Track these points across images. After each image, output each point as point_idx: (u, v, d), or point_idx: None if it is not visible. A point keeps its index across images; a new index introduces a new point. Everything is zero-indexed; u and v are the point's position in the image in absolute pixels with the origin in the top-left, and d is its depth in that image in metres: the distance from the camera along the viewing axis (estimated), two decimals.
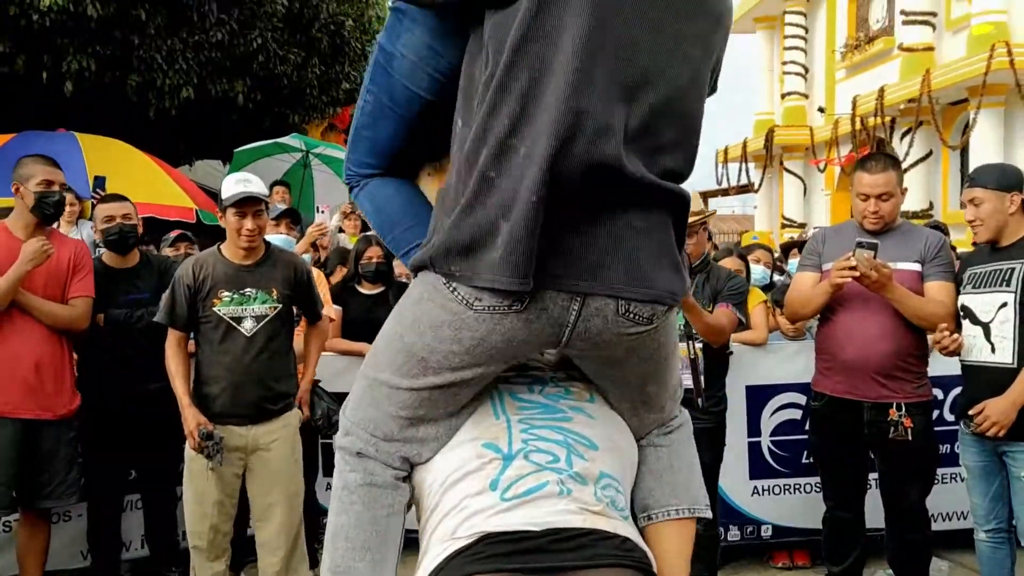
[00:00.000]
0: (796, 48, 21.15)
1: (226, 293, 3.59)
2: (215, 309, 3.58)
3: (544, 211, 1.32)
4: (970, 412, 3.33)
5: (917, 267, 3.56)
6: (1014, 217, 3.36)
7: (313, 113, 11.82)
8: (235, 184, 3.59)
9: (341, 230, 8.18)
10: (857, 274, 3.37)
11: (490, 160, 1.35)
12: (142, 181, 7.82)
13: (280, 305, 3.66)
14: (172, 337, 3.66)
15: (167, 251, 5.46)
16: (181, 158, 11.74)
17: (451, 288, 1.40)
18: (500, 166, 1.35)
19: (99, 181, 6.66)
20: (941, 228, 6.68)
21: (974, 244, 3.57)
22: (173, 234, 5.63)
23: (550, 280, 1.38)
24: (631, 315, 1.44)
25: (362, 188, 1.91)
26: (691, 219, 3.78)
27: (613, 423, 1.62)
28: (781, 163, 21.15)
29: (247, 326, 3.58)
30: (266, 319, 3.61)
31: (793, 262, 6.21)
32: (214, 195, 10.28)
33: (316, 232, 5.85)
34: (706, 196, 27.00)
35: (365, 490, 1.54)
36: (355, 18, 11.74)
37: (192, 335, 3.72)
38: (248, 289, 3.62)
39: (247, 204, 3.57)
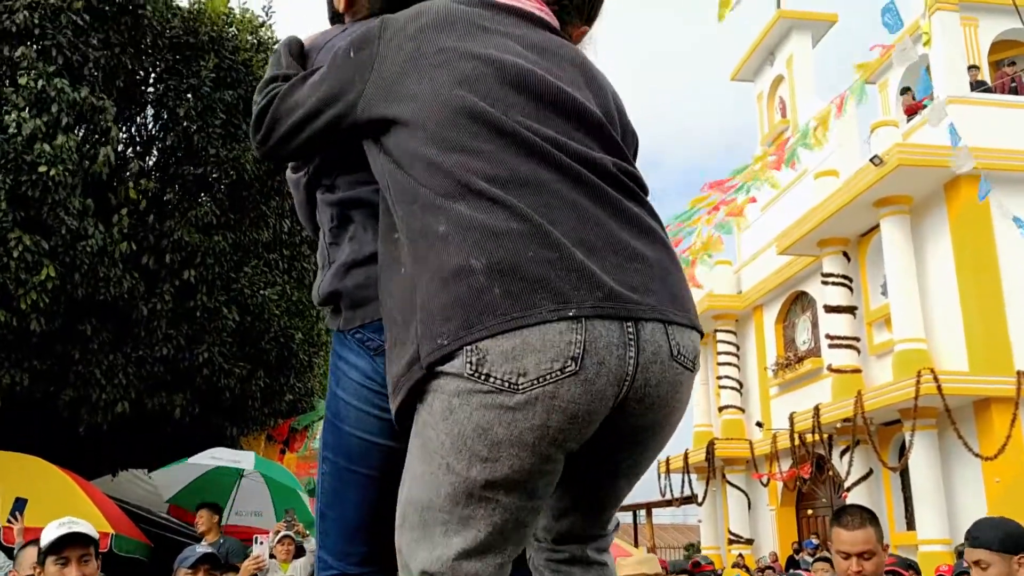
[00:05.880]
0: (729, 364, 22.02)
1: None
2: None
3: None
4: None
5: None
6: None
7: (253, 425, 11.48)
8: (56, 528, 3.02)
9: (272, 555, 7.53)
10: None
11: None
12: (56, 504, 7.23)
13: None
14: None
15: None
16: (104, 469, 11.10)
17: (481, 377, 1.20)
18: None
19: (19, 504, 6.12)
20: (913, 567, 6.41)
21: None
22: None
23: (592, 307, 1.22)
24: (681, 356, 1.30)
25: None
26: None
27: None
28: (723, 475, 21.12)
29: None
30: None
31: None
32: (134, 514, 9.60)
33: (252, 567, 5.36)
34: (650, 507, 26.57)
35: None
36: (305, 332, 11.86)
37: None
38: None
39: (69, 547, 2.97)
